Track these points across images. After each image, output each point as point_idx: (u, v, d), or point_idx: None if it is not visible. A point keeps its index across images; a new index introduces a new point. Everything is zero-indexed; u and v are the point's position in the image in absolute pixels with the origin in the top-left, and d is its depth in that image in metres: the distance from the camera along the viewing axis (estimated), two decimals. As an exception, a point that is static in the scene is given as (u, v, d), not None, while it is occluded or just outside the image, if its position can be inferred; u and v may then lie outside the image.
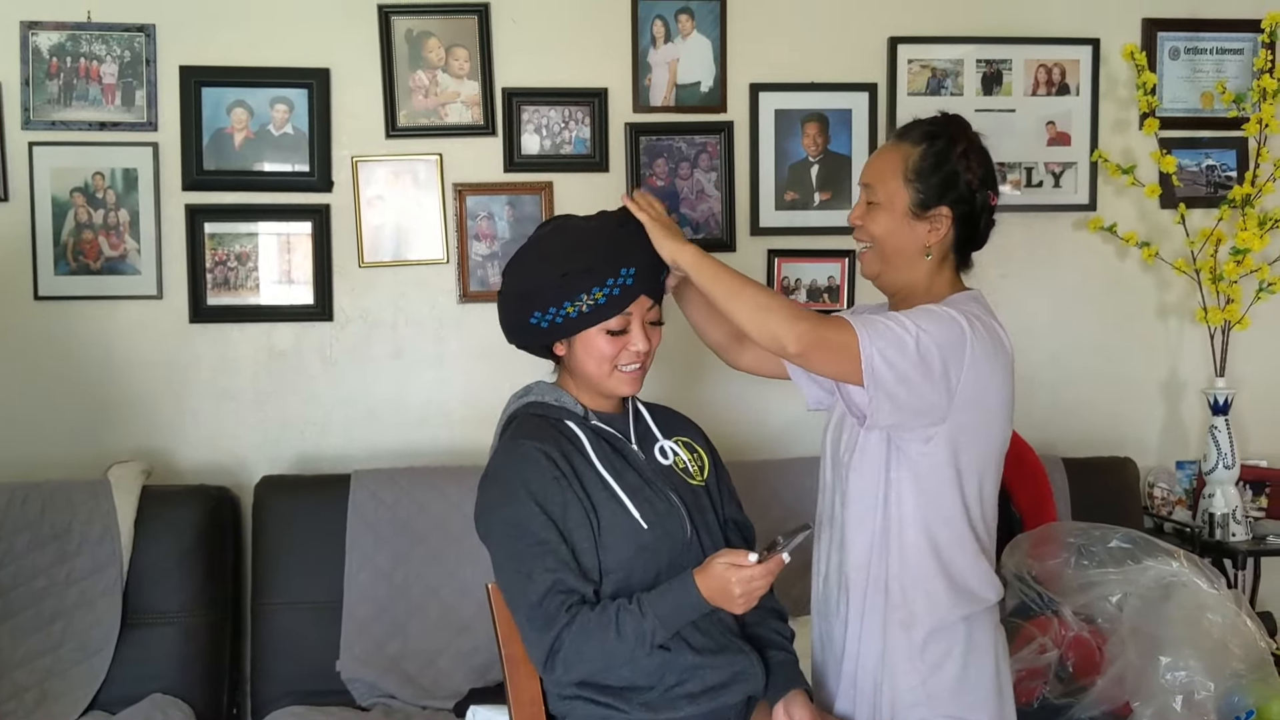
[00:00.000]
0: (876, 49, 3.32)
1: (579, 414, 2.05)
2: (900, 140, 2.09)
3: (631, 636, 1.86)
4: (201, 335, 3.18)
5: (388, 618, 2.87)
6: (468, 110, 3.21)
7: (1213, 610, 2.50)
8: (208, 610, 2.89)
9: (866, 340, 1.90)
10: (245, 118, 3.16)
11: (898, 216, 2.08)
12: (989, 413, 2.03)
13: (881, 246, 2.09)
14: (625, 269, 1.96)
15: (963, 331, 1.93)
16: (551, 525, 1.91)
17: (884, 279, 2.13)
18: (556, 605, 1.87)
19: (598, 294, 1.95)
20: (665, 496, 2.02)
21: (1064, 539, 2.67)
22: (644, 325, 2.02)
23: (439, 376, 3.26)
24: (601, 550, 1.95)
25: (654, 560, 1.97)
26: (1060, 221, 3.40)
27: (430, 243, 3.22)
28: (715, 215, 3.30)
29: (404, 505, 2.93)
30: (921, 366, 1.91)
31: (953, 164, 2.05)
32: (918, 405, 1.95)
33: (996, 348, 2.00)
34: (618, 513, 1.97)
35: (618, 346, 2.00)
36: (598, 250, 1.99)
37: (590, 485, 1.97)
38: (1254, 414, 3.43)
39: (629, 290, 1.97)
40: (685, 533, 2.01)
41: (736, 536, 2.14)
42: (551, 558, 1.89)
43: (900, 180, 2.08)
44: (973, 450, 2.03)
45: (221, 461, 3.19)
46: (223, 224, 3.16)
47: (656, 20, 3.24)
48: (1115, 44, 3.35)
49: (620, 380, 2.03)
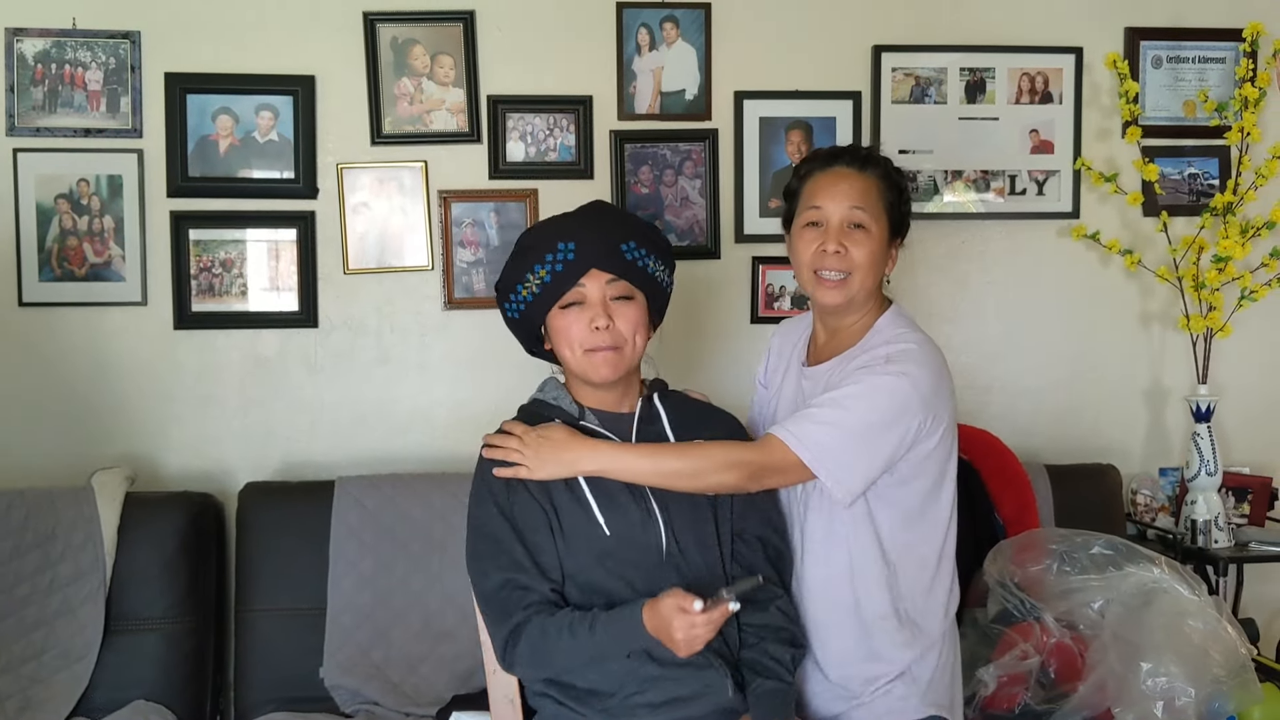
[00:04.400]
0: (860, 57, 3.32)
1: (573, 414, 2.07)
2: (864, 170, 2.14)
3: (583, 649, 1.89)
4: (186, 342, 3.17)
5: (371, 625, 2.86)
6: (453, 118, 3.20)
7: (1194, 617, 2.48)
8: (191, 617, 2.88)
9: (797, 442, 1.99)
10: (230, 125, 3.15)
11: (882, 244, 2.13)
12: (950, 430, 2.12)
13: (863, 276, 2.11)
14: (564, 243, 2.00)
15: (907, 392, 2.01)
16: (506, 525, 1.98)
17: (849, 309, 2.16)
18: (513, 601, 1.93)
19: (541, 271, 2.00)
20: (643, 505, 2.01)
21: (1046, 545, 2.66)
22: (605, 301, 2.01)
23: (424, 383, 3.26)
24: (564, 553, 1.98)
25: (621, 569, 1.98)
26: (1043, 229, 3.40)
27: (415, 250, 3.21)
28: (700, 222, 3.30)
29: (388, 512, 2.92)
30: (867, 426, 2.00)
31: (908, 201, 2.19)
32: (884, 458, 2.02)
33: (939, 360, 2.10)
34: (580, 517, 1.99)
35: (581, 324, 2.01)
36: (541, 230, 2.09)
37: (555, 486, 2.00)
38: (1236, 421, 3.43)
39: (573, 265, 2.00)
40: (660, 544, 2.00)
41: (754, 554, 2.08)
42: (505, 557, 1.96)
43: (882, 207, 2.13)
44: (946, 463, 2.13)
45: (206, 468, 3.18)
46: (208, 231, 3.15)
47: (641, 28, 3.24)
48: (1098, 53, 3.36)
49: (594, 361, 2.02)
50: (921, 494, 2.11)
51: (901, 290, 3.26)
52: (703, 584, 1.97)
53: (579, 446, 2.00)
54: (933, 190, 3.35)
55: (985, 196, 3.37)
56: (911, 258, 3.30)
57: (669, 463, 2.01)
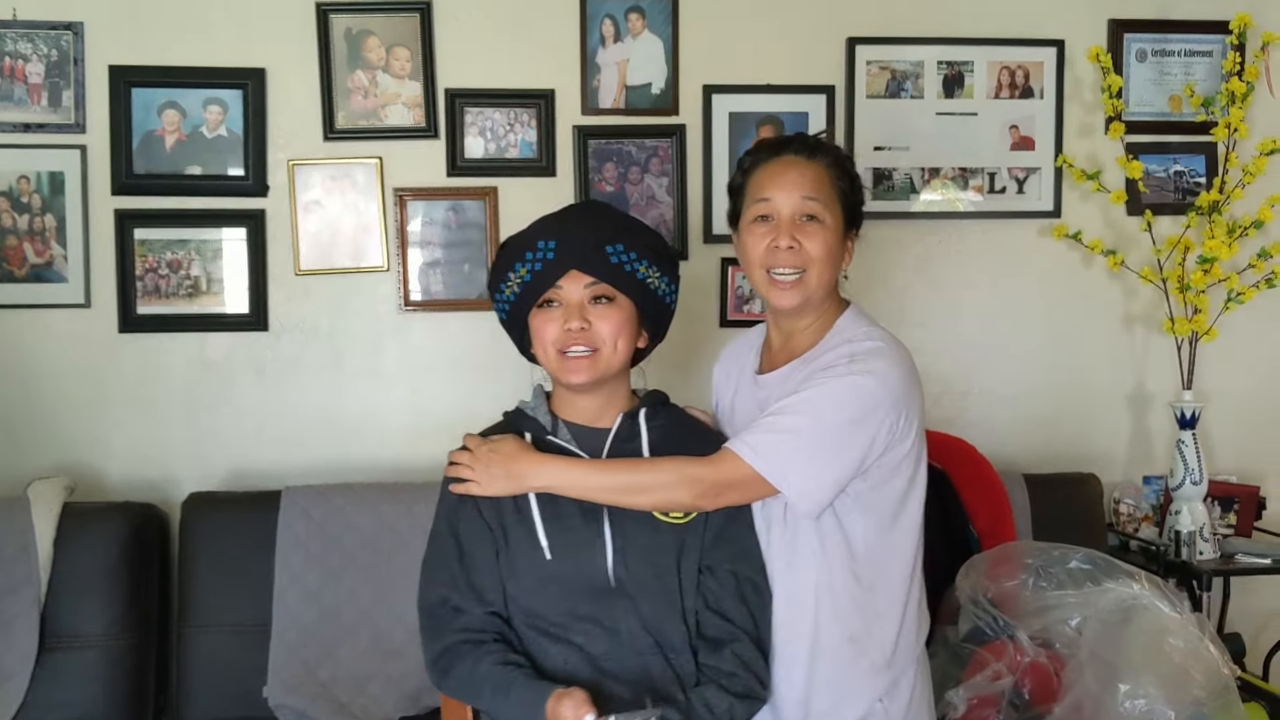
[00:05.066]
0: (834, 50, 3.23)
1: (544, 426, 1.99)
2: (813, 158, 2.01)
3: (500, 708, 1.84)
4: (131, 345, 3.08)
5: (317, 642, 2.76)
6: (409, 112, 3.11)
7: (1174, 634, 2.40)
8: (131, 633, 2.77)
9: (753, 454, 1.87)
10: (177, 119, 3.07)
11: (837, 237, 2.01)
12: (922, 432, 1.99)
13: (819, 271, 1.98)
14: (544, 241, 1.93)
15: (874, 390, 1.89)
16: (451, 541, 1.94)
17: (805, 309, 2.03)
18: (445, 620, 1.90)
19: (522, 270, 1.93)
20: (594, 527, 1.90)
21: (1022, 560, 2.58)
22: (581, 303, 1.93)
23: (378, 389, 3.17)
24: (506, 574, 1.90)
25: (565, 595, 1.88)
26: (1023, 228, 3.31)
27: (370, 250, 3.12)
28: (667, 222, 3.20)
29: (335, 523, 2.82)
30: (831, 430, 1.87)
31: (861, 190, 2.06)
32: (852, 463, 1.89)
33: (907, 358, 1.98)
34: (525, 537, 1.90)
35: (556, 326, 1.92)
36: (526, 229, 2.00)
37: (504, 504, 1.92)
38: (1222, 428, 3.34)
39: (551, 265, 1.91)
40: (605, 570, 1.89)
41: (723, 589, 1.93)
42: (445, 573, 1.93)
43: (835, 196, 2.01)
44: (917, 467, 2.00)
45: (150, 477, 3.09)
46: (153, 230, 3.07)
47: (606, 19, 3.15)
48: (1080, 46, 3.27)
49: (567, 366, 1.93)
50: (895, 498, 1.98)
51: (875, 292, 3.19)
52: (658, 617, 1.88)
53: (527, 461, 1.91)
54: (909, 188, 3.27)
55: (963, 195, 3.29)
56: (886, 259, 3.24)
57: (618, 477, 1.90)
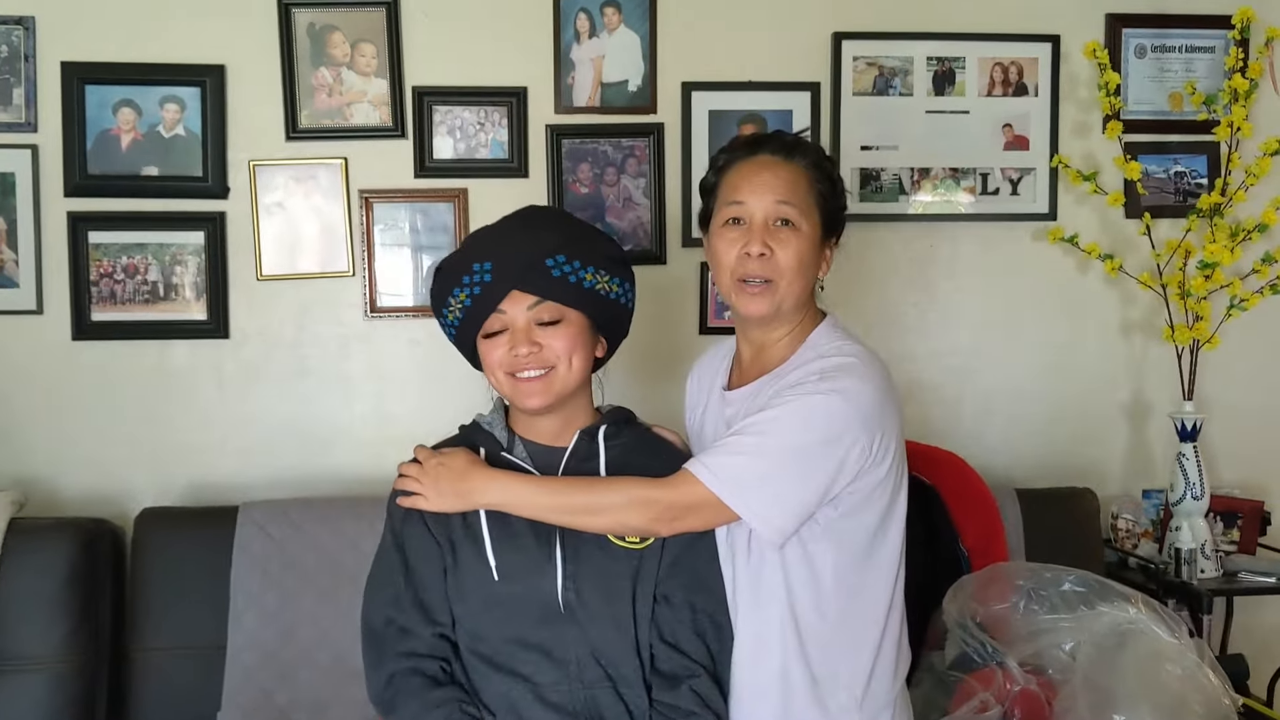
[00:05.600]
0: (819, 45, 3.11)
1: (500, 442, 1.91)
2: (790, 158, 1.89)
3: None
4: (85, 353, 2.98)
5: (275, 664, 2.64)
6: (375, 111, 3.00)
7: (1172, 661, 2.29)
8: (79, 655, 2.64)
9: (712, 476, 1.76)
10: (133, 118, 2.96)
11: (814, 244, 1.89)
12: (900, 455, 1.87)
13: (790, 281, 1.86)
14: (479, 264, 1.83)
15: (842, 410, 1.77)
16: (398, 557, 1.86)
17: (775, 320, 1.91)
18: (391, 643, 1.82)
19: (461, 295, 1.84)
20: (545, 548, 1.81)
21: (1012, 581, 2.46)
22: (528, 325, 1.83)
23: (344, 398, 3.06)
24: (454, 596, 1.81)
25: (511, 619, 1.79)
26: (1017, 232, 3.20)
27: (334, 254, 3.02)
28: (644, 225, 3.08)
29: (294, 541, 2.70)
30: (795, 452, 1.76)
31: (843, 194, 1.94)
32: (818, 488, 1.77)
33: (883, 375, 1.86)
34: (472, 556, 1.81)
35: (504, 350, 1.83)
36: (461, 248, 1.93)
37: (454, 520, 1.83)
38: (1225, 439, 3.22)
39: (490, 287, 1.82)
40: (555, 593, 1.79)
41: (679, 621, 1.84)
42: (391, 591, 1.85)
43: (813, 201, 1.89)
44: (896, 494, 1.88)
45: (106, 491, 2.98)
46: (108, 233, 2.96)
47: (580, 13, 3.03)
48: (1076, 41, 3.15)
49: (520, 390, 1.84)
50: (869, 530, 1.86)
51: (862, 298, 3.08)
52: (609, 646, 1.78)
53: (476, 476, 1.82)
54: (898, 190, 3.15)
55: (955, 196, 3.17)
56: (875, 263, 3.12)
57: (569, 498, 1.80)
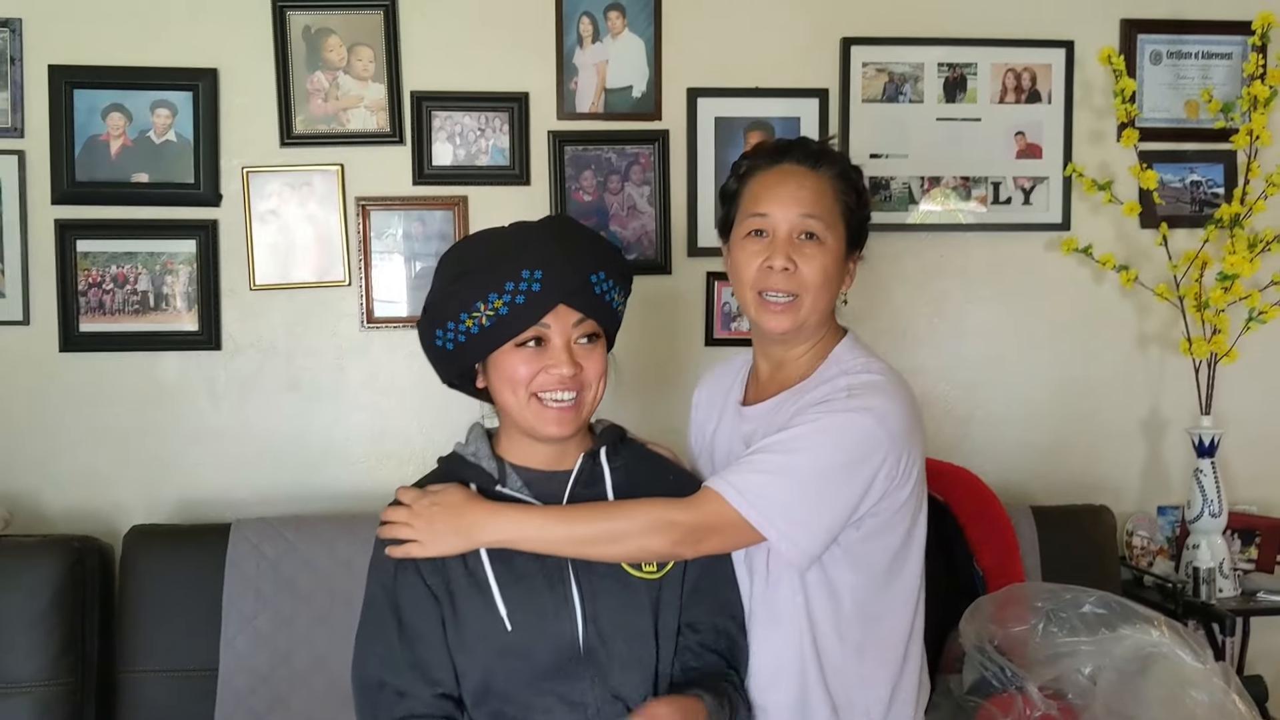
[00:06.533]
0: (828, 51, 3.05)
1: (490, 475, 1.74)
2: (817, 168, 1.82)
3: None
4: (73, 365, 2.91)
5: (268, 689, 2.56)
6: (372, 116, 2.94)
7: (1197, 687, 2.21)
8: (67, 678, 2.55)
9: (738, 495, 1.67)
10: (122, 123, 2.90)
11: (838, 258, 1.82)
12: (922, 477, 1.82)
13: (814, 297, 1.80)
14: (529, 270, 1.63)
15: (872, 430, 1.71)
16: (389, 611, 1.69)
17: (797, 336, 1.84)
18: (385, 707, 1.66)
19: (497, 302, 1.64)
20: (559, 588, 1.69)
21: (1031, 603, 2.39)
22: (569, 344, 1.67)
23: (339, 411, 2.99)
24: (456, 648, 1.67)
25: (526, 667, 1.66)
26: (1030, 242, 3.14)
27: (330, 263, 2.95)
28: (649, 234, 3.01)
29: (287, 561, 2.62)
30: (824, 472, 1.69)
31: (868, 205, 1.88)
32: (845, 509, 1.71)
33: (909, 394, 1.80)
34: (480, 606, 1.66)
35: (535, 366, 1.67)
36: (497, 249, 1.69)
37: (453, 567, 1.68)
38: (1243, 455, 3.16)
39: (537, 297, 1.64)
40: (575, 636, 1.67)
41: (702, 648, 1.76)
42: (383, 650, 1.69)
43: (838, 213, 1.82)
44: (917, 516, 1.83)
45: (94, 507, 2.91)
46: (97, 242, 2.90)
47: (583, 17, 2.97)
48: (1091, 47, 3.09)
49: (545, 416, 1.69)
50: (890, 553, 1.80)
51: (873, 310, 3.02)
52: (629, 685, 1.67)
53: (476, 511, 1.67)
54: (907, 199, 3.09)
55: (966, 206, 3.12)
56: (884, 274, 3.05)
57: (584, 526, 1.68)
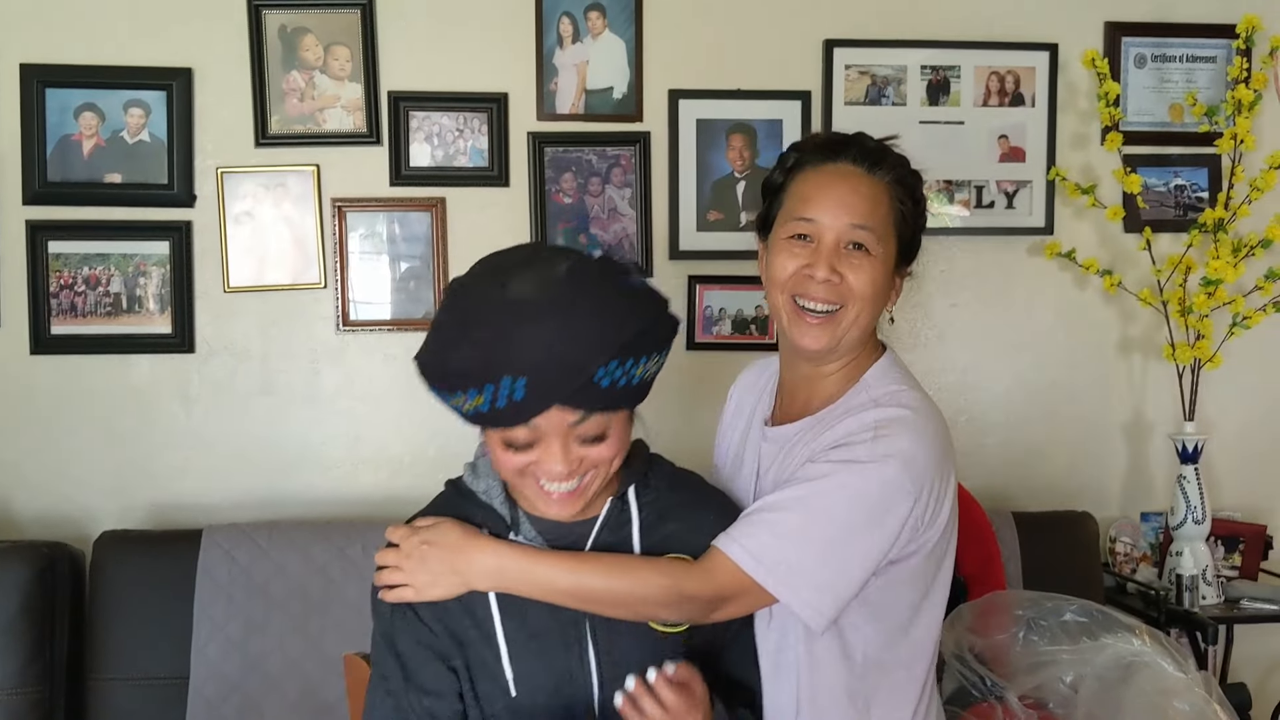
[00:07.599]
0: (810, 53, 3.03)
1: (503, 520, 1.55)
2: (873, 171, 1.64)
3: None
4: (44, 368, 2.88)
5: (240, 696, 2.54)
6: (349, 116, 2.91)
7: (1179, 696, 2.20)
8: (35, 687, 2.53)
9: (754, 562, 1.52)
10: (95, 123, 2.87)
11: (887, 271, 1.65)
12: (953, 517, 1.66)
13: (858, 312, 1.63)
14: (509, 377, 1.37)
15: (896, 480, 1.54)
16: (394, 660, 1.54)
17: (830, 355, 1.67)
18: None
19: (476, 399, 1.41)
20: (575, 647, 1.54)
21: (1012, 611, 2.38)
22: (566, 442, 1.45)
23: (314, 417, 2.95)
24: (468, 699, 1.54)
25: None
26: (1013, 246, 3.12)
27: (305, 265, 2.92)
28: (630, 236, 2.98)
29: (260, 567, 2.59)
30: (844, 531, 1.54)
31: (924, 213, 1.70)
32: (868, 565, 1.56)
33: (941, 428, 1.65)
34: (487, 660, 1.52)
35: (522, 462, 1.47)
36: (477, 341, 1.40)
37: (455, 614, 1.53)
38: (1226, 462, 3.15)
39: (519, 405, 1.39)
40: (590, 701, 1.53)
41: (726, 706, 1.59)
42: (390, 702, 1.54)
43: (892, 223, 1.64)
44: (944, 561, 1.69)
45: (65, 512, 2.87)
46: (69, 243, 2.87)
47: (563, 17, 2.94)
48: (1075, 50, 3.08)
49: (545, 499, 1.51)
50: (910, 603, 1.65)
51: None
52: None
53: (475, 549, 1.50)
54: (890, 202, 3.05)
55: (948, 209, 3.09)
56: (866, 277, 3.02)
57: (594, 580, 1.51)
